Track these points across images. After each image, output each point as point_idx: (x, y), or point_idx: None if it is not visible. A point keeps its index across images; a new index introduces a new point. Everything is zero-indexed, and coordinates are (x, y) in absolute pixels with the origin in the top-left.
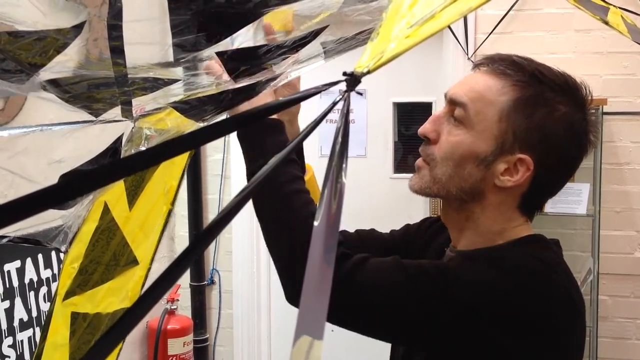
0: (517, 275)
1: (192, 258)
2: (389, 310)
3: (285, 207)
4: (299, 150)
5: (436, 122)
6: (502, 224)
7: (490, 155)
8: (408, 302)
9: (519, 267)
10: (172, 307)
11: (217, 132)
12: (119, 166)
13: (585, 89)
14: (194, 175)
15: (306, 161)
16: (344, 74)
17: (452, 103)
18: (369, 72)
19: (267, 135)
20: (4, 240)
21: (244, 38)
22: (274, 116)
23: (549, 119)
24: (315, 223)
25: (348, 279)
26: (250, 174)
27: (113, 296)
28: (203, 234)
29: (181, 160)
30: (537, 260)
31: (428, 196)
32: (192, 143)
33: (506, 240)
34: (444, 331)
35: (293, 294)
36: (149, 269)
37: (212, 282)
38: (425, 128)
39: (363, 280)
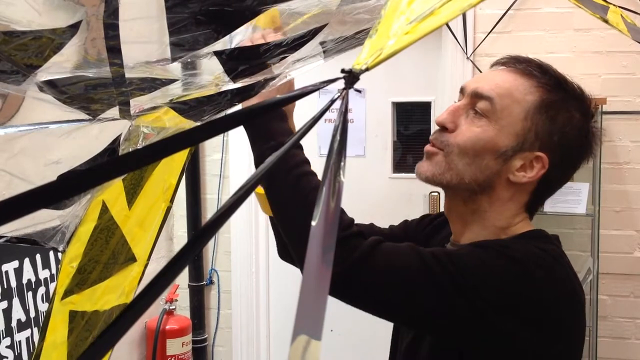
0: (524, 265)
1: (191, 255)
2: (401, 291)
3: (295, 190)
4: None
5: (455, 113)
6: (508, 219)
7: (510, 151)
8: (420, 284)
9: (526, 257)
10: (171, 307)
11: (214, 130)
12: (115, 164)
13: (590, 101)
14: (193, 175)
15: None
16: (342, 71)
17: (476, 96)
18: (367, 69)
19: (273, 121)
20: (1, 241)
21: (243, 36)
22: None
23: (569, 124)
24: (313, 223)
25: (364, 257)
26: (256, 157)
27: (111, 293)
28: (201, 232)
29: (180, 158)
30: (542, 251)
31: (438, 184)
32: (189, 141)
33: (509, 235)
34: (450, 315)
35: None
36: (146, 265)
37: (211, 282)
38: (443, 117)
39: (378, 259)
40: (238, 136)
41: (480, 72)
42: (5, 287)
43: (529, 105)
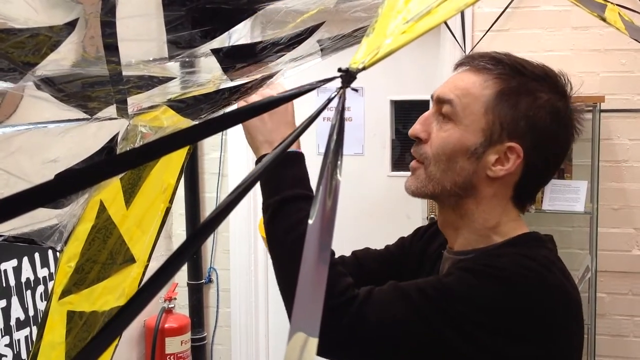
0: (515, 285)
1: (188, 254)
2: (398, 342)
3: (291, 252)
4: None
5: (425, 123)
6: (497, 217)
7: (480, 147)
8: (414, 329)
9: (516, 275)
10: (170, 306)
11: (211, 128)
12: (113, 163)
13: (564, 78)
14: (192, 173)
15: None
16: (339, 70)
17: (440, 102)
18: (364, 68)
19: (286, 168)
20: None
21: (241, 34)
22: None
23: (534, 106)
24: (310, 221)
25: (356, 320)
26: (265, 208)
27: (109, 294)
28: (198, 231)
29: (179, 158)
30: (533, 262)
31: (424, 197)
32: (186, 139)
33: (502, 237)
34: (449, 350)
35: None
36: (146, 267)
37: (210, 281)
38: (415, 129)
39: (370, 318)
40: (237, 134)
41: None
42: (4, 285)
43: (487, 99)
